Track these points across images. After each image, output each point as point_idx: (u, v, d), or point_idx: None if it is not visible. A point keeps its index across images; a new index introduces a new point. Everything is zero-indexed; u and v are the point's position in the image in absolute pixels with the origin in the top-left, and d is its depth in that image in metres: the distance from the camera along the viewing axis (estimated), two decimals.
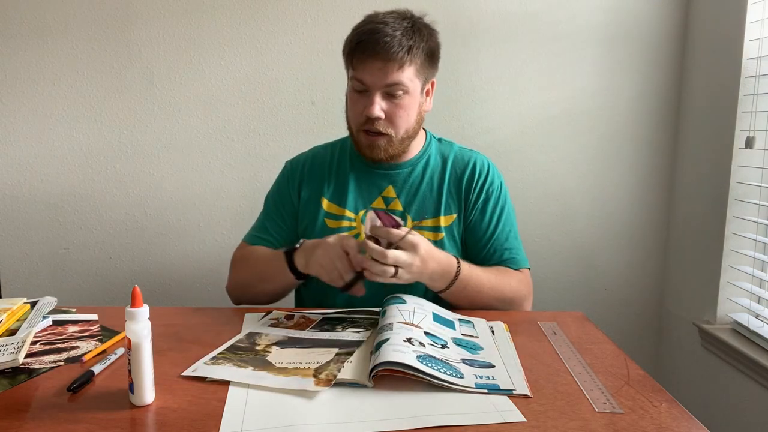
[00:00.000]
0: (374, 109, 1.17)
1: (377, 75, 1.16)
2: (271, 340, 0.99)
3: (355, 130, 1.23)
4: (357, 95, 1.20)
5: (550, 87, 1.84)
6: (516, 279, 1.24)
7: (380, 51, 1.14)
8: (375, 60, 1.15)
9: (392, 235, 1.06)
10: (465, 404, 0.78)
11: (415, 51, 1.16)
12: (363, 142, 1.22)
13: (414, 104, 1.21)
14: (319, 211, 1.28)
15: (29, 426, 0.72)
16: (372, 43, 1.14)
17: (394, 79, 1.16)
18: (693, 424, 0.75)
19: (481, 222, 1.27)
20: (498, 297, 1.19)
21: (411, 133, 1.24)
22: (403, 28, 1.16)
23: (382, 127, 1.19)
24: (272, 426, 0.72)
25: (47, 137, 1.80)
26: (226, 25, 1.78)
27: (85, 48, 1.77)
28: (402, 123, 1.20)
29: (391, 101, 1.18)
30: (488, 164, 1.32)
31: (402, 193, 1.27)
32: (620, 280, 1.94)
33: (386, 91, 1.17)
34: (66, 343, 0.97)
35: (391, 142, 1.21)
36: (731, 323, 1.64)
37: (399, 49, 1.14)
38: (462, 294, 1.15)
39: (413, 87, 1.19)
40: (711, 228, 1.67)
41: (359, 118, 1.20)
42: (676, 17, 1.81)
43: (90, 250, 1.86)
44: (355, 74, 1.19)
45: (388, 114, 1.19)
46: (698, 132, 1.76)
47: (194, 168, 1.84)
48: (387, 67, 1.15)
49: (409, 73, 1.17)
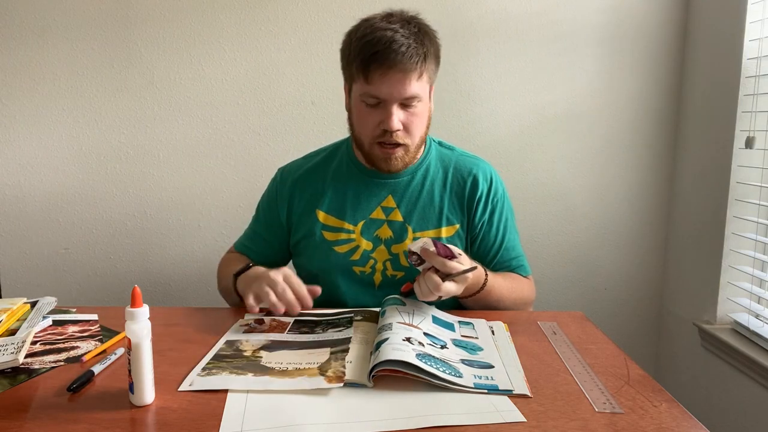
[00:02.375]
0: (393, 122, 1.11)
1: (396, 87, 1.10)
2: (255, 345, 0.96)
3: (367, 144, 1.18)
4: (369, 109, 1.14)
5: (550, 87, 1.84)
6: (528, 287, 1.27)
7: (399, 62, 1.07)
8: (395, 72, 1.08)
9: (448, 268, 1.03)
10: (465, 404, 0.78)
11: (428, 58, 1.12)
12: (379, 155, 1.17)
13: (426, 110, 1.18)
14: (316, 224, 1.24)
15: (29, 426, 0.72)
16: (389, 54, 1.07)
17: (413, 91, 1.11)
18: (693, 424, 0.75)
19: (489, 233, 1.26)
20: (511, 305, 1.21)
21: (424, 140, 1.22)
22: (413, 33, 1.10)
23: (401, 138, 1.15)
24: (272, 426, 0.72)
25: (47, 137, 1.80)
26: (226, 25, 1.78)
27: (85, 48, 1.77)
28: (418, 131, 1.17)
29: (406, 111, 1.14)
30: (491, 173, 1.28)
31: (402, 203, 1.24)
32: (620, 280, 1.94)
33: (402, 102, 1.12)
34: (66, 343, 0.97)
35: (408, 151, 1.17)
36: (731, 323, 1.64)
37: (417, 59, 1.09)
38: (482, 301, 1.17)
39: (426, 94, 1.16)
40: (711, 228, 1.67)
41: (374, 130, 1.15)
42: (676, 17, 1.81)
43: (90, 250, 1.86)
44: (369, 89, 1.11)
45: (405, 124, 1.14)
46: (698, 132, 1.76)
47: (194, 168, 1.84)
48: (406, 79, 1.09)
49: (423, 81, 1.13)
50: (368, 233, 1.23)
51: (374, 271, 1.22)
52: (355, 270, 1.23)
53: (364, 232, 1.23)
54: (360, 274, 1.23)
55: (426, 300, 1.05)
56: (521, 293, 1.23)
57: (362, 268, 1.23)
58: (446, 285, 1.03)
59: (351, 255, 1.23)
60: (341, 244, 1.23)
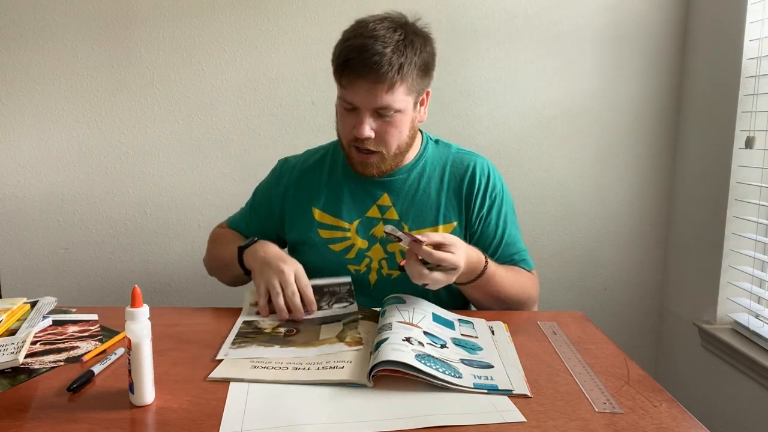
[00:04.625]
0: (363, 129, 1.12)
1: (365, 96, 1.09)
2: (272, 324, 1.03)
3: (345, 146, 1.19)
4: (346, 112, 1.15)
5: (550, 87, 1.84)
6: (531, 281, 1.25)
7: (368, 72, 1.07)
8: (363, 81, 1.08)
9: (434, 258, 1.01)
10: (465, 404, 0.78)
11: (407, 68, 1.09)
12: (355, 158, 1.18)
13: (406, 121, 1.15)
14: (312, 222, 1.25)
15: (29, 426, 0.72)
16: (359, 63, 1.07)
17: (383, 102, 1.09)
18: (693, 424, 0.75)
19: (488, 228, 1.25)
20: (515, 297, 1.19)
21: (404, 148, 1.20)
22: (394, 42, 1.08)
23: (373, 145, 1.14)
24: (272, 426, 0.72)
25: (47, 137, 1.80)
26: (226, 25, 1.78)
27: (85, 48, 1.77)
28: (393, 141, 1.15)
29: (382, 119, 1.13)
30: (488, 168, 1.28)
31: (398, 202, 1.23)
32: (620, 280, 1.94)
33: (376, 110, 1.12)
34: (66, 343, 0.97)
35: (384, 159, 1.17)
36: (731, 323, 1.64)
37: (389, 69, 1.06)
38: (483, 290, 1.15)
39: (405, 105, 1.13)
40: (711, 228, 1.67)
41: (349, 135, 1.16)
42: (676, 17, 1.81)
43: (90, 250, 1.86)
44: (344, 93, 1.13)
45: (379, 133, 1.13)
46: (698, 132, 1.76)
47: (194, 168, 1.84)
48: (376, 89, 1.08)
49: (400, 93, 1.10)
50: (364, 232, 1.23)
51: (369, 270, 1.23)
52: (351, 269, 1.23)
53: (360, 230, 1.23)
54: (355, 272, 1.23)
55: (416, 282, 1.04)
56: (524, 286, 1.21)
57: (357, 267, 1.23)
58: (434, 274, 1.02)
59: (346, 253, 1.23)
60: (337, 243, 1.23)
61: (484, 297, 1.17)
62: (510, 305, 1.19)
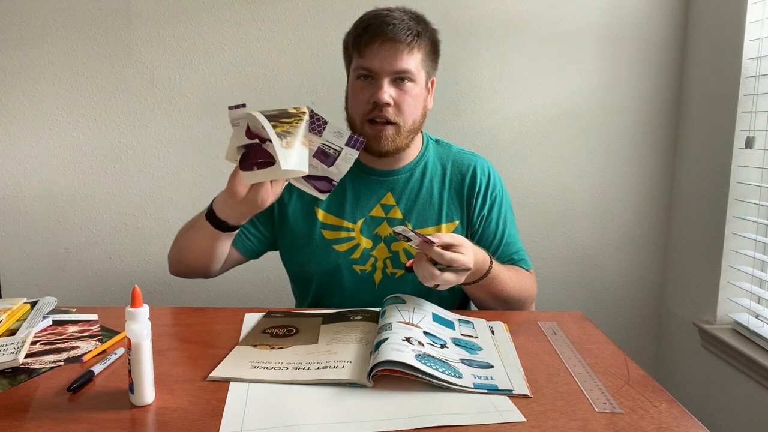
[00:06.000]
0: (383, 94, 1.13)
1: (387, 59, 1.13)
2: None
3: (359, 122, 1.18)
4: (362, 84, 1.16)
5: (550, 87, 1.84)
6: (530, 280, 1.26)
7: (390, 33, 1.12)
8: (384, 42, 1.12)
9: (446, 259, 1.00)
10: (465, 404, 0.78)
11: (423, 37, 1.15)
12: (369, 133, 1.16)
13: (420, 95, 1.19)
14: (315, 223, 1.24)
15: (29, 426, 0.72)
16: (380, 27, 1.12)
17: (403, 64, 1.13)
18: (693, 424, 0.75)
19: (489, 228, 1.26)
20: (516, 296, 1.19)
21: (417, 127, 1.21)
22: (409, 16, 1.16)
23: (391, 114, 1.15)
24: (272, 426, 0.72)
25: (47, 137, 1.80)
26: (226, 25, 1.78)
27: (85, 48, 1.77)
28: (410, 112, 1.17)
29: (399, 88, 1.15)
30: (488, 168, 1.29)
31: (401, 200, 1.24)
32: (620, 280, 1.94)
33: (394, 77, 1.14)
34: (66, 343, 0.97)
35: (399, 132, 1.17)
36: (731, 323, 1.64)
37: (408, 33, 1.13)
38: (486, 289, 1.15)
39: (419, 77, 1.17)
40: (711, 228, 1.67)
41: (365, 106, 1.15)
42: (676, 17, 1.81)
43: (90, 250, 1.86)
44: (362, 62, 1.15)
45: (397, 101, 1.15)
46: (698, 132, 1.76)
47: (194, 168, 1.84)
48: (396, 49, 1.13)
49: (416, 59, 1.15)
50: (368, 231, 1.23)
51: (375, 269, 1.23)
52: (356, 268, 1.23)
53: (364, 230, 1.23)
54: (360, 272, 1.23)
55: (427, 284, 1.03)
56: (524, 285, 1.22)
57: (362, 267, 1.23)
58: (445, 275, 1.02)
59: (351, 253, 1.23)
60: (341, 243, 1.23)
61: (486, 296, 1.17)
62: (510, 304, 1.19)
